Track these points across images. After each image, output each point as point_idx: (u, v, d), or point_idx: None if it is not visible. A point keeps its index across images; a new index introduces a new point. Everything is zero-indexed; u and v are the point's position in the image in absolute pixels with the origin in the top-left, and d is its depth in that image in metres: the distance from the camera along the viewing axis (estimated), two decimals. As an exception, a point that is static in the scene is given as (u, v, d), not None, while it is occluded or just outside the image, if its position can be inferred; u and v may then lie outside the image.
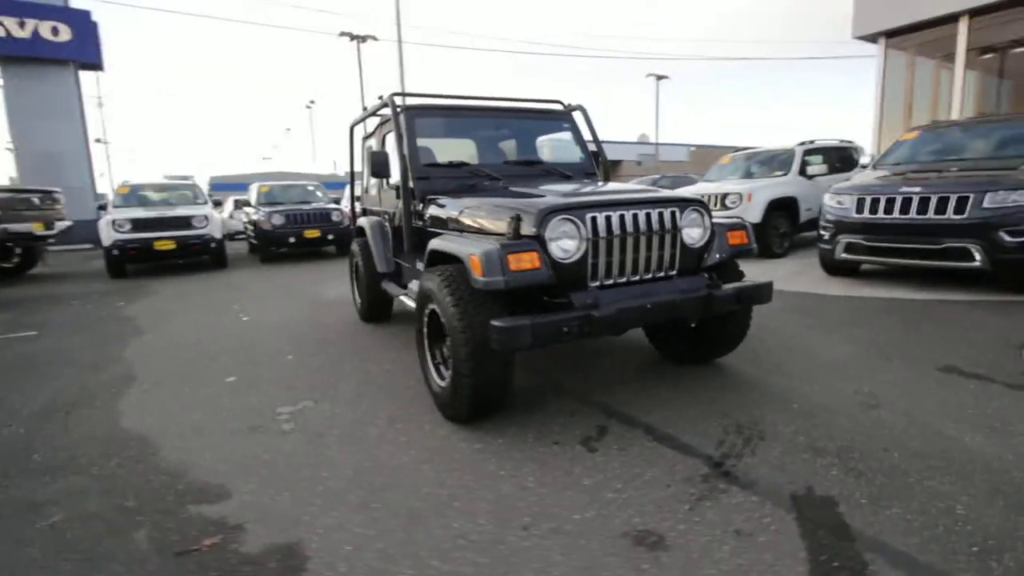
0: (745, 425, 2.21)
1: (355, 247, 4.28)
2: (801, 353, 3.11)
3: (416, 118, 3.21)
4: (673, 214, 2.38)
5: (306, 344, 3.79)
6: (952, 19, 8.44)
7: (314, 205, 9.66)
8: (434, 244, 2.49)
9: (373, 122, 4.10)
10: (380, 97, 3.44)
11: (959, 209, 4.17)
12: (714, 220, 2.54)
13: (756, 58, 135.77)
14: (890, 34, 9.30)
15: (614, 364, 3.07)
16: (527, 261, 2.03)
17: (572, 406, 2.50)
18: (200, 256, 8.22)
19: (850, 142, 8.48)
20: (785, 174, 7.31)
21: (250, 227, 9.98)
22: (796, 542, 1.49)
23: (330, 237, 9.26)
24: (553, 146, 3.74)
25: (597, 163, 3.62)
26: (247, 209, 10.43)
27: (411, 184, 3.06)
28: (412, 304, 3.06)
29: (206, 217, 8.02)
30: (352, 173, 4.93)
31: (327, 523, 1.68)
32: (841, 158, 7.99)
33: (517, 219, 2.17)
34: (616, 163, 38.36)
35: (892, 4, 8.96)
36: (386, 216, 3.87)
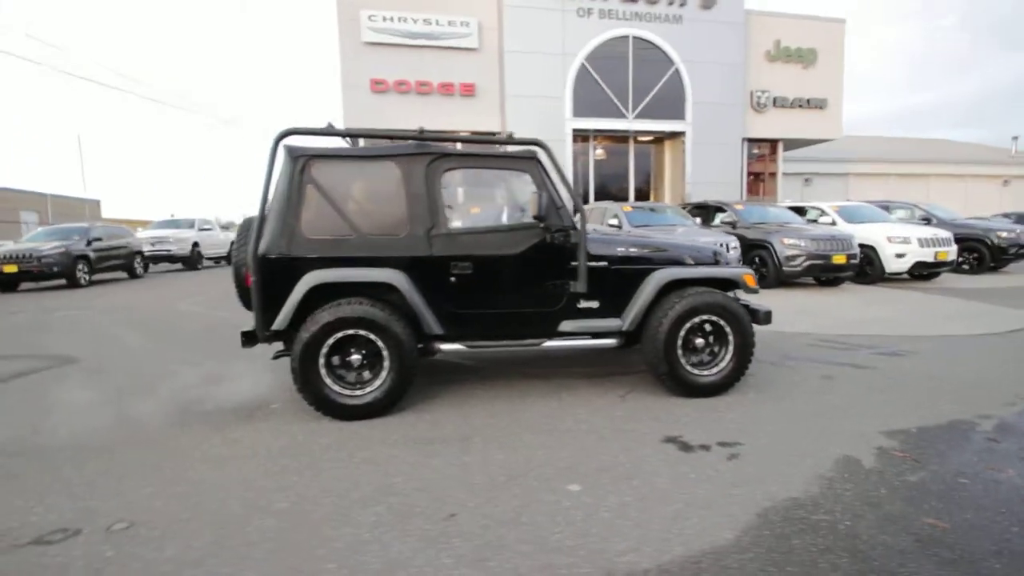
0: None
1: (363, 311, 2.90)
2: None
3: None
4: None
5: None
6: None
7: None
8: (688, 273, 3.33)
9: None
10: (511, 134, 2.98)
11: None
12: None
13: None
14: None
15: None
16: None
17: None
18: None
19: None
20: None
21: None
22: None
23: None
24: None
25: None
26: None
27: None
28: (595, 342, 3.30)
29: None
30: (264, 206, 2.88)
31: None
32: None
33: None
34: None
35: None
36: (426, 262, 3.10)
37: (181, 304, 8.24)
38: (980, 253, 10.28)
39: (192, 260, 15.92)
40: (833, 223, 10.25)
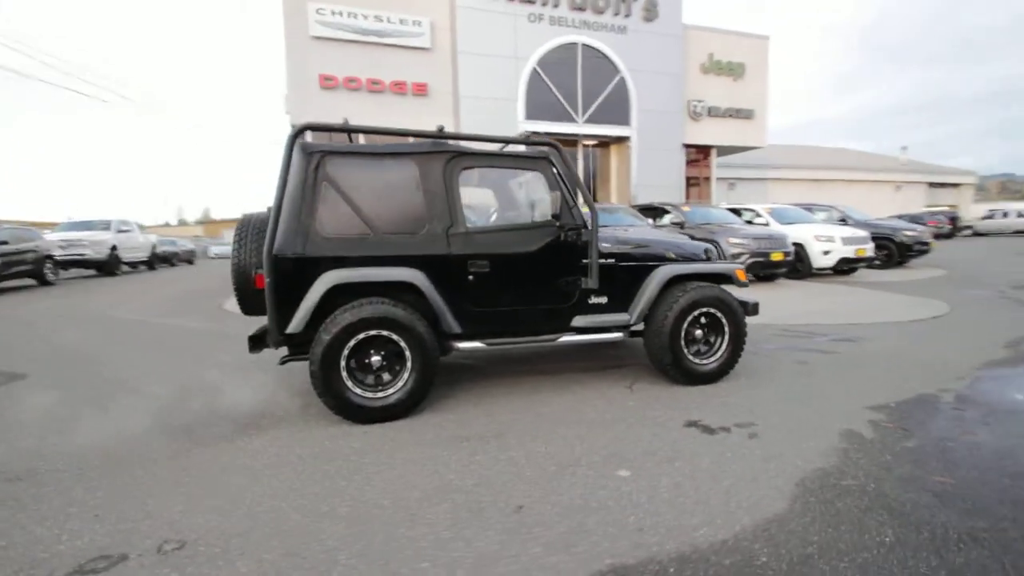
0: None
1: (386, 311, 2.84)
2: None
3: None
4: None
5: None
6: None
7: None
8: (689, 268, 3.55)
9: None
10: (527, 134, 3.00)
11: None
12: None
13: None
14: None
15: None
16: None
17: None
18: None
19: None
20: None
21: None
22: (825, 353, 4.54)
23: None
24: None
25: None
26: None
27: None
28: (605, 336, 3.44)
29: None
30: (280, 203, 2.72)
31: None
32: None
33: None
34: None
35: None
36: (443, 260, 3.09)
37: (114, 312, 7.53)
38: (889, 250, 11.55)
39: (110, 265, 14.54)
40: (767, 224, 11.14)
